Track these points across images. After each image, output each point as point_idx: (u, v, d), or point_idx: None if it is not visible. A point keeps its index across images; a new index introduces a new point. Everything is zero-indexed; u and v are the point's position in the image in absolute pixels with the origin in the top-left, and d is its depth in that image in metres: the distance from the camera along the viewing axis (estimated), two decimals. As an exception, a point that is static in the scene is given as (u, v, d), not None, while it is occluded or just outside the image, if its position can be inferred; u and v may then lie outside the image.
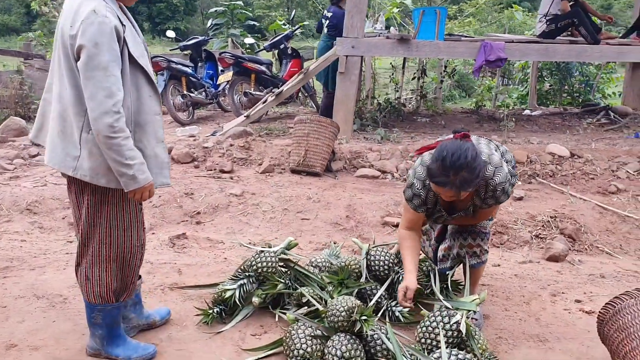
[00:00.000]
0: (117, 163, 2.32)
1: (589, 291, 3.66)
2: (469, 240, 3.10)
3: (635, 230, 4.88)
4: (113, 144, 2.28)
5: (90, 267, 2.56)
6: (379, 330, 2.68)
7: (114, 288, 2.62)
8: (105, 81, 2.25)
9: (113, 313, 2.66)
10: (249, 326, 3.03)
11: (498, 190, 2.76)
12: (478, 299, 2.92)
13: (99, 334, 2.67)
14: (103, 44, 2.25)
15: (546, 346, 2.95)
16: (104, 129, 2.26)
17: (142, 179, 2.38)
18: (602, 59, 8.24)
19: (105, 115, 2.25)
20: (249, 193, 5.35)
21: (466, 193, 2.67)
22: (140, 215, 2.64)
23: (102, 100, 2.25)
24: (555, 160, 6.12)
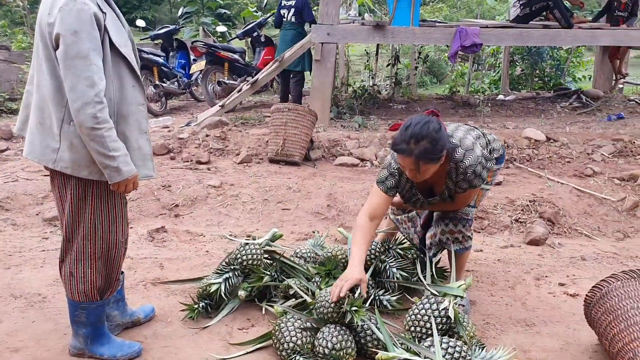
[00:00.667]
0: (100, 155, 2.24)
1: (572, 274, 3.70)
2: (450, 226, 3.10)
3: (612, 213, 4.95)
4: (96, 136, 2.21)
5: (74, 264, 2.47)
6: (368, 320, 2.65)
7: (98, 285, 2.53)
8: (87, 70, 2.17)
9: (97, 311, 2.58)
10: (235, 320, 2.98)
11: (469, 172, 2.76)
12: (464, 284, 2.91)
13: (82, 333, 2.59)
14: (82, 31, 2.17)
15: (533, 330, 2.96)
16: (86, 120, 2.18)
17: (126, 171, 2.31)
18: (576, 43, 8.32)
19: (87, 105, 2.17)
20: (227, 184, 5.27)
21: (426, 167, 2.64)
22: (125, 209, 2.56)
23: (84, 90, 2.17)
24: (531, 144, 6.17)
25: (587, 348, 2.80)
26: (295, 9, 8.06)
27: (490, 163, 2.97)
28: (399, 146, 2.62)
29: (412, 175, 2.72)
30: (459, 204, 3.00)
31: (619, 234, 4.70)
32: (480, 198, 3.19)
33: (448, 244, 3.11)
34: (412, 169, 2.67)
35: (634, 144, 6.18)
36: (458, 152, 2.76)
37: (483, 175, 2.81)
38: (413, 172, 2.69)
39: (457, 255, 3.09)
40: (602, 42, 7.35)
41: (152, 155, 2.56)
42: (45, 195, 4.99)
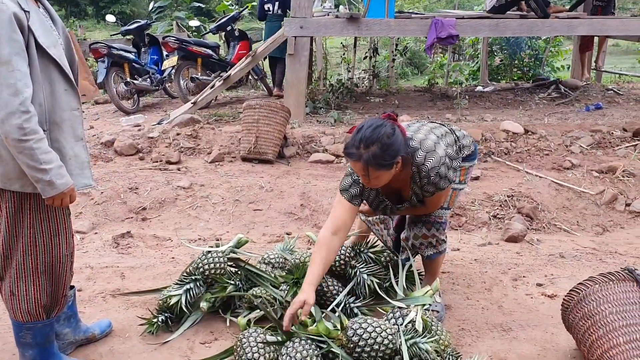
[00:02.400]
0: (30, 168, 2.06)
1: (550, 273, 3.58)
2: (423, 230, 2.94)
3: (591, 206, 4.86)
4: (24, 148, 2.02)
5: (15, 282, 2.29)
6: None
7: (43, 303, 2.35)
8: (9, 77, 1.98)
9: (44, 330, 2.39)
10: (198, 333, 2.82)
11: (432, 175, 2.62)
12: (431, 289, 2.78)
13: (29, 354, 2.40)
14: (1, 35, 1.98)
15: (510, 335, 2.84)
16: (12, 132, 1.99)
17: (61, 184, 2.13)
18: (553, 33, 8.24)
19: (12, 116, 1.98)
20: (197, 185, 5.09)
21: (377, 174, 2.51)
22: (68, 220, 2.38)
23: (7, 99, 1.98)
24: (509, 137, 6.06)
25: (565, 354, 2.69)
26: (280, 1, 8.00)
27: (457, 162, 2.83)
28: (348, 150, 2.51)
29: (365, 181, 2.59)
30: (430, 208, 2.86)
31: (598, 228, 4.61)
32: (454, 199, 3.04)
33: (422, 249, 2.97)
34: (363, 175, 2.55)
35: (612, 134, 6.10)
36: (419, 155, 2.62)
37: (449, 175, 2.67)
38: (364, 177, 2.56)
39: (429, 260, 2.97)
40: (580, 31, 7.25)
41: (90, 162, 2.39)
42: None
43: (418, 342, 2.35)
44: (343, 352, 2.41)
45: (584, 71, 9.75)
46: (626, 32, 7.26)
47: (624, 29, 7.17)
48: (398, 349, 2.36)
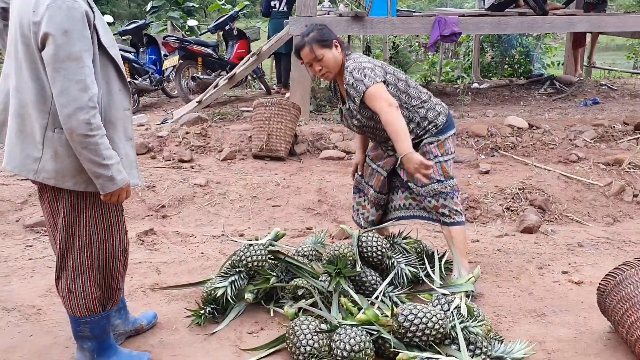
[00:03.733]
0: (93, 164, 2.09)
1: (572, 261, 3.71)
2: (432, 202, 3.23)
3: (600, 198, 5.00)
4: (90, 143, 2.06)
5: (72, 279, 2.33)
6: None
7: (99, 297, 2.39)
8: (79, 73, 2.01)
9: (101, 323, 2.44)
10: (243, 324, 2.88)
11: (347, 68, 3.07)
12: (473, 277, 2.90)
13: (88, 347, 2.44)
14: (74, 31, 2.00)
15: (545, 320, 2.95)
16: (79, 127, 2.02)
17: (120, 180, 2.17)
18: (553, 30, 8.39)
19: (80, 111, 2.01)
20: (213, 182, 5.14)
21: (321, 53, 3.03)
22: (121, 217, 2.42)
23: (77, 94, 2.01)
24: (514, 132, 6.19)
25: (600, 336, 2.80)
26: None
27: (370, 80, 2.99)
28: (297, 46, 3.11)
29: (318, 68, 3.09)
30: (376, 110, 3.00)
31: (609, 219, 4.75)
32: (446, 170, 3.23)
33: (439, 220, 3.28)
34: (311, 59, 3.06)
35: (614, 128, 6.26)
36: (351, 56, 3.13)
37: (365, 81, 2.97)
38: (316, 63, 3.07)
39: (450, 227, 3.24)
40: (579, 28, 7.42)
41: (138, 162, 2.43)
42: (24, 200, 4.79)
43: (469, 326, 2.44)
44: (392, 337, 2.49)
45: (577, 67, 9.94)
46: (623, 28, 7.43)
47: (621, 25, 7.35)
48: (447, 333, 2.45)
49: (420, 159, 2.88)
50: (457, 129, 6.23)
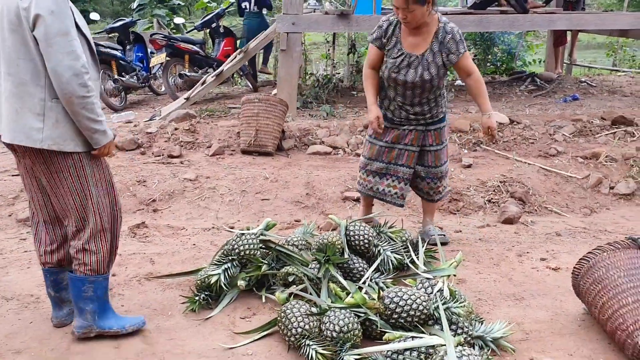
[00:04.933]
0: (90, 121, 2.42)
1: (550, 249, 3.87)
2: (437, 183, 3.80)
3: (578, 190, 5.18)
4: (87, 103, 2.38)
5: (88, 239, 2.58)
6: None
7: (108, 256, 2.66)
8: (69, 45, 2.33)
9: (104, 284, 2.69)
10: (236, 310, 3.01)
11: (455, 32, 3.36)
12: (455, 261, 3.03)
13: (90, 308, 2.65)
14: (60, 11, 2.33)
15: (523, 304, 3.10)
16: (77, 90, 2.34)
17: (110, 133, 2.53)
18: (534, 28, 8.59)
19: (76, 77, 2.33)
20: (203, 177, 5.25)
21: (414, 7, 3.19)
22: (112, 179, 2.70)
23: (71, 63, 2.32)
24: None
25: (575, 317, 2.96)
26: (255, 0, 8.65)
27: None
28: None
29: (404, 15, 3.25)
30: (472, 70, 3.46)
31: (586, 210, 4.93)
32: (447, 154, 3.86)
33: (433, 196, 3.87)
34: (403, 8, 3.21)
35: (592, 123, 6.45)
36: (445, 18, 3.41)
37: (465, 43, 3.40)
38: (405, 11, 3.22)
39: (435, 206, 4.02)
40: (558, 25, 7.61)
41: None
42: (15, 196, 4.86)
43: (451, 307, 2.58)
44: (379, 319, 2.63)
45: (557, 64, 10.15)
46: (601, 26, 7.64)
47: (599, 23, 7.55)
48: (431, 313, 2.59)
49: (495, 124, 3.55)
50: (441, 125, 6.43)
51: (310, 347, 2.50)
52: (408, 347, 2.38)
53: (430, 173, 3.75)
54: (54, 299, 2.81)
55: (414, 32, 3.40)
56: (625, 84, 9.53)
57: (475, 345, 2.56)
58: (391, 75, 3.50)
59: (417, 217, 4.62)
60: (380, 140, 3.73)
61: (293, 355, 2.62)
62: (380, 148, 3.74)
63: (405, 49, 3.44)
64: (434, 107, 3.60)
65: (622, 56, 13.02)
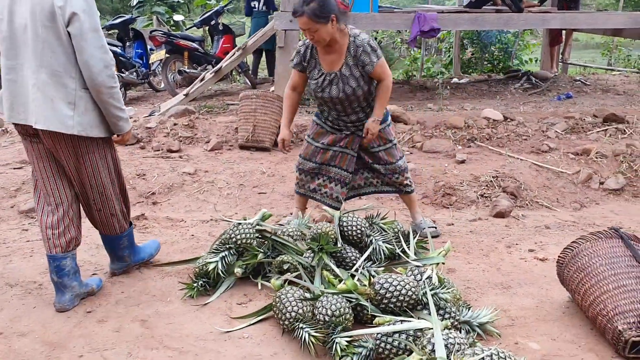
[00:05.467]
0: (116, 109, 2.77)
1: (539, 241, 3.98)
2: (400, 178, 3.88)
3: (569, 185, 5.29)
4: (115, 92, 2.72)
5: (112, 206, 3.07)
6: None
7: (128, 214, 3.24)
8: (99, 40, 2.64)
9: (132, 233, 3.31)
10: (233, 296, 3.11)
11: (365, 44, 3.41)
12: (444, 250, 3.15)
13: (127, 253, 3.26)
14: (91, 10, 2.64)
15: (510, 292, 3.21)
16: (107, 80, 2.65)
17: (130, 121, 2.96)
18: (528, 26, 8.72)
19: (106, 68, 2.65)
20: (201, 171, 5.35)
21: (318, 27, 3.23)
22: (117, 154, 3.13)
23: (101, 56, 2.62)
24: (490, 124, 6.46)
25: (559, 305, 3.06)
26: None
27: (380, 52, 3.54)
28: (295, 9, 3.27)
29: (310, 37, 3.32)
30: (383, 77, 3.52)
31: (576, 205, 5.03)
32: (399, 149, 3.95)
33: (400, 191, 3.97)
34: (307, 29, 3.27)
35: (584, 120, 6.56)
36: (355, 30, 3.46)
37: (377, 52, 3.46)
38: (308, 32, 3.28)
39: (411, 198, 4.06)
40: (553, 25, 7.72)
41: None
42: (17, 188, 4.96)
43: (438, 293, 2.69)
44: (370, 304, 2.74)
45: (552, 64, 10.27)
46: (594, 25, 7.75)
47: (592, 23, 7.66)
48: (420, 299, 2.70)
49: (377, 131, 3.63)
50: (436, 121, 6.53)
51: (303, 330, 2.60)
52: (397, 330, 2.49)
53: (388, 170, 3.85)
54: (57, 285, 2.95)
55: (328, 51, 3.47)
56: (619, 82, 9.65)
57: (462, 329, 2.67)
58: (317, 95, 3.63)
59: (408, 210, 4.72)
60: (317, 142, 3.83)
61: (287, 339, 2.73)
62: (316, 149, 3.84)
63: (324, 68, 3.52)
64: (370, 112, 3.65)
65: (617, 56, 13.14)
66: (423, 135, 6.28)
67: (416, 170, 5.30)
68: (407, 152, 5.98)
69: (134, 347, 2.65)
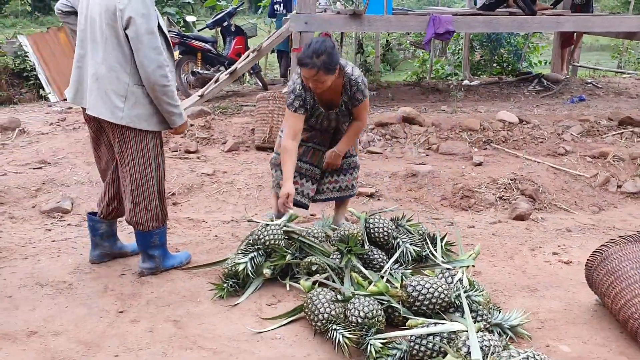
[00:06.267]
0: (169, 105, 2.98)
1: (562, 244, 3.99)
2: (353, 175, 3.85)
3: (586, 188, 5.30)
4: (167, 91, 2.92)
5: (147, 201, 3.18)
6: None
7: (162, 213, 3.27)
8: (155, 42, 2.85)
9: (165, 233, 3.36)
10: (262, 297, 3.13)
11: (359, 81, 3.44)
12: (474, 253, 3.17)
13: (157, 254, 3.31)
14: (149, 14, 2.84)
15: (537, 295, 3.23)
16: (160, 79, 2.86)
17: (184, 115, 3.14)
18: (542, 29, 8.73)
19: (159, 68, 2.85)
20: (220, 172, 5.38)
21: (325, 78, 3.27)
22: (164, 158, 3.29)
23: (155, 57, 2.84)
24: (506, 126, 6.47)
25: (587, 307, 3.08)
26: (284, 3, 9.42)
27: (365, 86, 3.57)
28: (304, 61, 3.25)
29: (315, 85, 3.33)
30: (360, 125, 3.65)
31: (594, 208, 5.05)
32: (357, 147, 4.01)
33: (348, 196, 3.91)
34: (315, 80, 3.28)
35: (599, 124, 6.57)
36: (348, 68, 3.44)
37: (365, 90, 3.51)
38: (315, 82, 3.30)
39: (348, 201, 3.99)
40: (566, 27, 7.73)
41: None
42: (38, 188, 4.99)
43: (471, 295, 2.70)
44: (401, 306, 2.76)
45: (563, 66, 10.27)
46: (609, 28, 7.76)
47: (607, 26, 7.67)
48: (452, 301, 2.72)
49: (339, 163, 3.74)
50: (451, 124, 6.54)
51: (337, 331, 2.62)
52: (431, 332, 2.51)
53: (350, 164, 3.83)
54: (92, 240, 3.46)
55: (324, 92, 3.46)
56: (631, 85, 9.64)
57: (493, 332, 2.69)
58: (310, 124, 3.66)
59: (429, 212, 4.75)
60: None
61: (319, 340, 2.75)
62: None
63: (322, 109, 3.54)
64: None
65: (627, 58, 13.13)
66: (438, 137, 6.30)
67: (434, 172, 5.32)
68: (423, 154, 6.00)
69: (168, 347, 2.67)
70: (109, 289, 3.21)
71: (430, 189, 5.15)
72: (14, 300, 3.04)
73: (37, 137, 6.51)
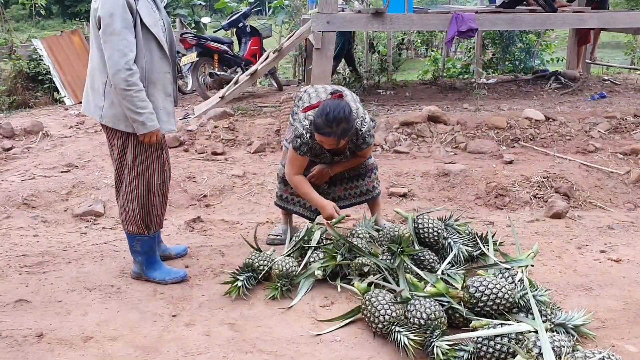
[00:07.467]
0: (129, 111, 2.87)
1: (608, 242, 3.94)
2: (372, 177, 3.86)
3: (620, 185, 5.24)
4: (126, 95, 2.82)
5: (125, 201, 3.13)
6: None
7: (141, 220, 3.13)
8: (119, 44, 2.78)
9: (149, 242, 3.21)
10: (314, 299, 3.09)
11: (366, 136, 3.49)
12: (532, 252, 3.12)
13: (139, 260, 3.23)
14: (116, 14, 2.77)
15: (592, 294, 3.18)
16: (119, 83, 2.80)
17: (150, 126, 2.92)
18: (565, 26, 8.66)
19: (119, 71, 2.78)
20: (249, 173, 5.33)
21: (342, 142, 3.34)
22: (160, 157, 3.14)
23: (117, 59, 2.78)
24: (532, 124, 6.42)
25: (646, 306, 3.03)
26: None
27: (374, 123, 3.73)
28: (323, 130, 3.25)
29: (332, 146, 3.37)
30: (361, 159, 3.72)
31: (630, 205, 4.99)
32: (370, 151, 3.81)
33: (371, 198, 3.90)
34: (332, 144, 3.33)
35: (626, 120, 6.52)
36: (357, 122, 3.43)
37: (372, 133, 3.57)
38: (332, 145, 3.34)
39: (378, 201, 3.99)
40: (589, 24, 7.68)
41: (175, 113, 3.19)
42: (68, 191, 4.96)
43: (536, 296, 2.66)
44: (462, 307, 2.71)
45: (578, 64, 10.21)
46: (631, 24, 7.70)
47: (629, 21, 7.62)
48: (516, 301, 2.67)
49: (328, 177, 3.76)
50: (476, 122, 6.49)
51: (400, 333, 2.57)
52: (499, 333, 2.46)
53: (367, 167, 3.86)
54: None
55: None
56: (649, 82, 9.59)
57: (559, 332, 2.63)
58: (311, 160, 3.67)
59: (464, 212, 4.70)
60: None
61: (380, 342, 2.70)
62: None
63: (329, 155, 3.59)
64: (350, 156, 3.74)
65: (640, 55, 13.06)
66: (465, 135, 6.25)
67: (466, 171, 5.26)
68: (451, 153, 5.96)
69: (227, 351, 2.62)
70: (158, 292, 3.17)
71: (463, 188, 5.09)
72: (65, 305, 3.00)
73: (60, 140, 6.49)
